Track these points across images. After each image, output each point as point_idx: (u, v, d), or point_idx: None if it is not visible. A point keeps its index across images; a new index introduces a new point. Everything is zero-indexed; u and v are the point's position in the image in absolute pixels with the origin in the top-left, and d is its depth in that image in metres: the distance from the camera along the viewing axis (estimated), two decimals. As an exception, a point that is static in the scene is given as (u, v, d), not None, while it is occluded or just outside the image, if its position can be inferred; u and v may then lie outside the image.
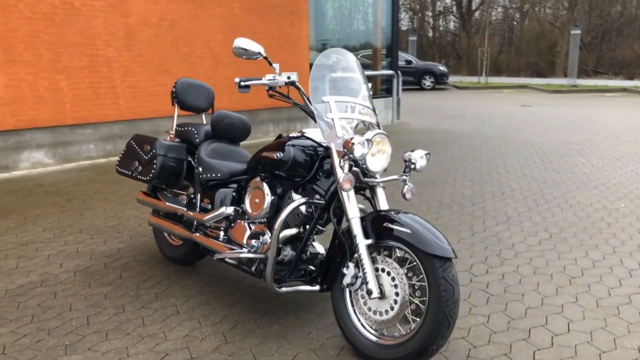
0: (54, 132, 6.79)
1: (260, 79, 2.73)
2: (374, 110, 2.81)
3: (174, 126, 3.57)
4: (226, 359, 2.49)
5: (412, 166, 2.70)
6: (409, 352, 2.31)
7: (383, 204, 2.64)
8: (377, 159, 2.56)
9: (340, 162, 2.48)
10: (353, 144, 2.39)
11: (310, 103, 2.75)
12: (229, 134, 3.39)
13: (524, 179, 6.12)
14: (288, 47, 9.43)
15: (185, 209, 3.29)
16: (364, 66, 12.37)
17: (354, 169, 2.50)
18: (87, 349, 2.56)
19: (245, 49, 2.67)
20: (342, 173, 2.44)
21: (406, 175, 2.72)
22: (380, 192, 2.66)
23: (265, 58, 2.74)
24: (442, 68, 22.41)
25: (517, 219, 4.65)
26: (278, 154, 2.73)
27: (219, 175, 3.15)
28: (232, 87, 8.65)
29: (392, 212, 2.45)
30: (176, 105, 3.56)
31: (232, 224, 3.04)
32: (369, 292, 2.37)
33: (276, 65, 2.73)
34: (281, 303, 3.04)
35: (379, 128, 2.75)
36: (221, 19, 8.38)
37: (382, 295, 2.41)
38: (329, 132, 2.58)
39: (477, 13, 35.69)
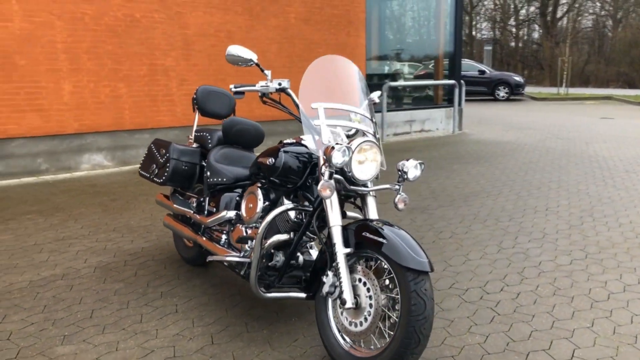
0: (113, 137, 7.21)
1: (254, 86, 2.76)
2: (371, 119, 2.76)
3: (194, 131, 3.69)
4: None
5: (405, 176, 2.62)
6: (380, 366, 2.24)
7: (372, 214, 2.59)
8: (365, 167, 2.51)
9: (322, 168, 2.46)
10: (332, 151, 2.37)
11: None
12: (241, 139, 3.46)
13: (576, 195, 5.75)
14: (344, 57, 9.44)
15: (192, 212, 3.38)
16: (427, 76, 12.19)
17: (336, 176, 2.47)
18: (82, 341, 2.69)
19: (239, 56, 2.72)
20: (322, 180, 2.42)
21: (398, 185, 2.64)
22: (370, 201, 2.61)
23: (257, 65, 2.78)
24: (518, 78, 21.55)
25: (554, 236, 4.37)
26: (271, 160, 2.75)
27: (224, 179, 3.21)
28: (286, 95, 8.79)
29: (375, 222, 2.39)
30: (197, 111, 3.67)
31: (233, 228, 3.10)
32: (343, 302, 2.33)
33: (268, 72, 2.76)
34: (277, 309, 3.05)
35: (375, 136, 2.70)
36: (276, 29, 8.56)
37: (357, 306, 2.36)
38: (317, 139, 2.57)
39: (562, 21, 34.08)
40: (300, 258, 2.81)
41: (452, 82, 11.03)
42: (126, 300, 3.17)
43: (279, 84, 2.72)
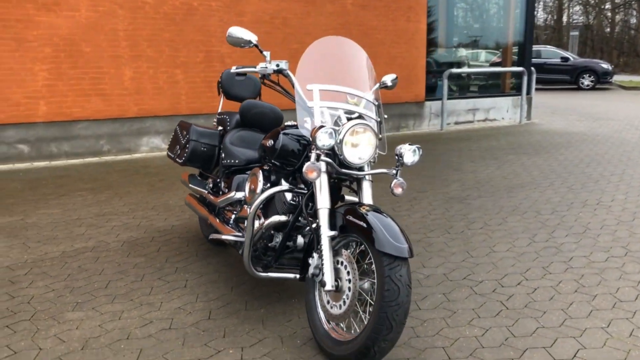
0: (170, 121, 7.52)
1: (254, 67, 2.79)
2: (374, 102, 2.70)
3: (217, 115, 3.79)
4: (199, 333, 2.61)
5: (402, 160, 2.55)
6: (353, 351, 2.21)
7: (367, 198, 2.55)
8: (358, 150, 2.46)
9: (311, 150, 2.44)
10: (317, 132, 2.35)
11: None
12: (259, 122, 3.50)
13: (637, 190, 5.32)
14: (403, 43, 9.27)
15: (206, 192, 3.48)
16: (496, 63, 11.66)
17: (325, 158, 2.44)
18: (92, 309, 2.86)
19: (239, 37, 2.75)
20: (308, 162, 2.41)
21: (395, 170, 2.58)
22: (366, 186, 2.57)
23: (256, 46, 2.79)
24: (605, 66, 20.13)
25: (597, 232, 4.08)
26: (270, 142, 2.77)
27: (236, 161, 3.27)
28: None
29: (362, 207, 2.34)
30: (222, 95, 3.76)
31: (240, 209, 3.15)
32: (322, 284, 2.31)
33: (267, 53, 2.77)
34: (279, 290, 3.08)
35: (378, 121, 2.65)
36: (332, 15, 8.53)
37: (338, 289, 2.34)
38: (312, 121, 2.55)
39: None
40: (300, 240, 2.80)
41: (520, 69, 10.50)
42: (142, 273, 3.32)
43: (277, 65, 2.72)
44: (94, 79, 6.96)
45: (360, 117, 2.58)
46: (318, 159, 2.42)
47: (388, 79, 3.17)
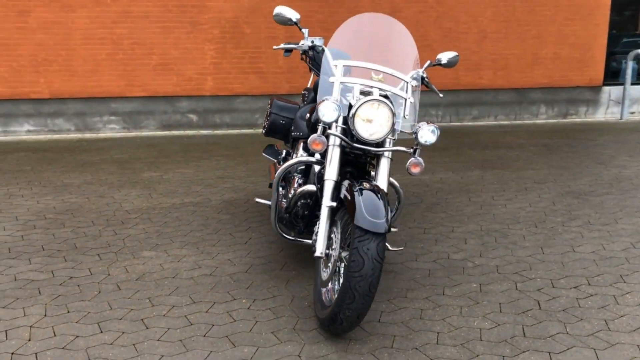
0: (319, 98, 7.98)
1: (296, 44, 2.96)
2: (409, 81, 2.69)
3: (304, 90, 4.04)
4: (230, 282, 2.94)
5: (418, 140, 2.53)
6: (327, 316, 2.32)
7: (381, 175, 2.59)
8: (370, 126, 2.50)
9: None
10: (320, 105, 2.45)
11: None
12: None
13: None
14: (578, 20, 8.33)
15: (274, 161, 3.76)
16: None
17: (331, 131, 2.52)
18: (163, 250, 3.39)
19: (283, 15, 2.94)
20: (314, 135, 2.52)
21: (413, 148, 2.56)
22: (383, 163, 2.60)
23: (296, 24, 2.95)
24: None
25: None
26: (308, 115, 2.94)
27: (301, 133, 3.49)
28: (497, 62, 8.29)
29: (362, 182, 2.39)
30: (312, 71, 4.00)
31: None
32: (313, 251, 2.45)
33: (305, 30, 2.91)
34: (321, 257, 3.25)
35: (406, 98, 2.64)
36: (494, -8, 8.05)
37: (326, 256, 2.45)
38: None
39: None
40: None
41: None
42: (220, 228, 3.78)
43: (312, 42, 2.85)
44: (252, 58, 7.73)
45: (385, 95, 2.60)
46: (324, 132, 2.53)
47: (444, 56, 3.09)
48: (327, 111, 2.45)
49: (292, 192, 2.97)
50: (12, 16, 7.10)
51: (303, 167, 3.06)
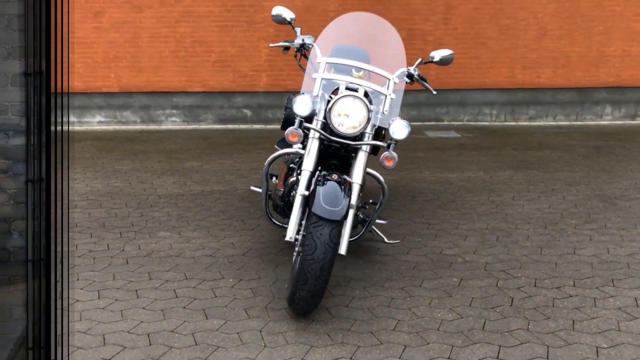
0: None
1: (292, 42, 3.13)
2: (391, 78, 2.80)
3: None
4: (225, 263, 3.18)
5: (391, 134, 2.65)
6: (288, 296, 2.50)
7: (357, 168, 2.71)
8: (345, 120, 2.65)
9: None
10: (295, 99, 2.62)
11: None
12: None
13: None
14: None
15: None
16: None
17: (307, 124, 2.68)
18: (177, 232, 3.70)
19: (279, 15, 3.12)
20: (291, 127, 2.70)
21: (388, 143, 2.68)
22: (360, 157, 2.73)
23: (290, 23, 3.12)
24: None
25: None
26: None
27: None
28: (558, 60, 7.98)
29: (331, 174, 2.55)
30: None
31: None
32: (284, 235, 2.62)
33: (297, 29, 3.08)
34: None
35: (387, 94, 2.75)
36: (555, -13, 7.75)
37: (296, 241, 2.61)
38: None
39: None
40: None
41: None
42: (235, 214, 4.04)
43: (302, 40, 3.02)
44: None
45: (364, 92, 2.73)
46: (300, 125, 2.69)
47: (437, 54, 3.16)
48: (301, 105, 2.62)
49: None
50: (89, 17, 7.79)
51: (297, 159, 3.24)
